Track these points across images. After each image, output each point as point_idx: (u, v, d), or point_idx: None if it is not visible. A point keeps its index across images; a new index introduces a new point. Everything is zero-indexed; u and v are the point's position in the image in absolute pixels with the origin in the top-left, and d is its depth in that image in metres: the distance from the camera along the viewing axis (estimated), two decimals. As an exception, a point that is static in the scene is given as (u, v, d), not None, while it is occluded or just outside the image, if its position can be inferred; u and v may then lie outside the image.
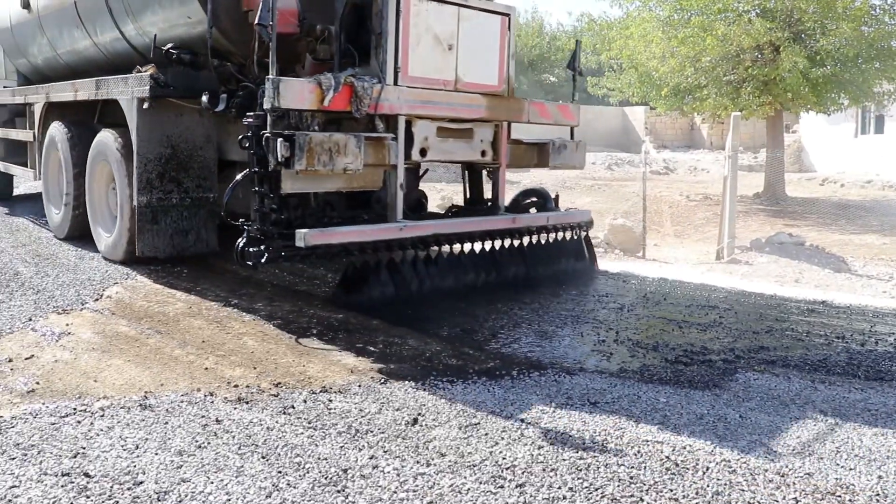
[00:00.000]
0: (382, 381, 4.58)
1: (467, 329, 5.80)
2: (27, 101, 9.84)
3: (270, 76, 5.50)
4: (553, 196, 7.97)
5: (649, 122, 35.58)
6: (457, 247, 6.99)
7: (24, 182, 12.13)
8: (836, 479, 3.44)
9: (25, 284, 6.78)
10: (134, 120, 7.04)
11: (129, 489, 3.20)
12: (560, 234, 7.62)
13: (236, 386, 4.46)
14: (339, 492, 3.21)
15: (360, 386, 4.49)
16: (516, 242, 7.24)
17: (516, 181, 21.87)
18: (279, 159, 5.41)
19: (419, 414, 4.06)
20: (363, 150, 5.76)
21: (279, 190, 5.60)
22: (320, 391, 4.40)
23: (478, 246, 7.11)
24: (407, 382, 4.57)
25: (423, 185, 8.52)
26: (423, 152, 6.49)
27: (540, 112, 7.49)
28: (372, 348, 5.26)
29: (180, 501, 3.11)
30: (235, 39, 6.52)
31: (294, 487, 3.24)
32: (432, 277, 6.60)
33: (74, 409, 4.05)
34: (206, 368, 4.79)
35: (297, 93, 5.59)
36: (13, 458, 3.45)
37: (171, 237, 7.21)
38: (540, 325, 5.93)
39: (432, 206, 13.76)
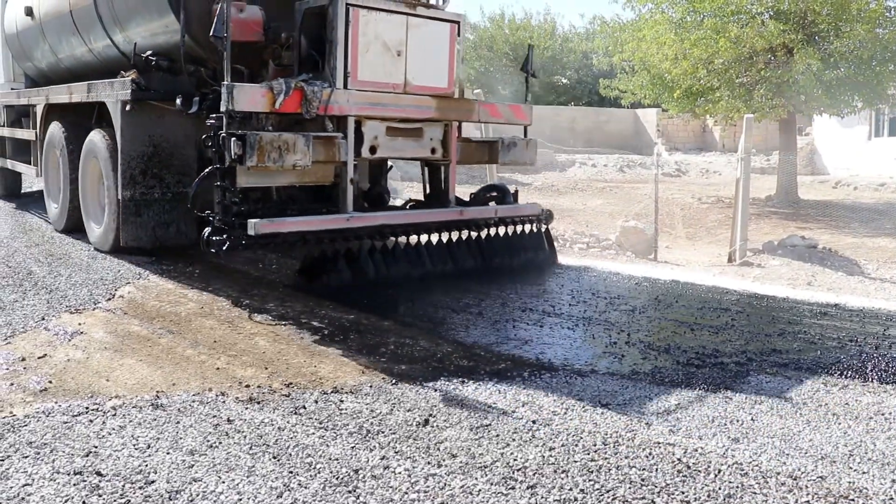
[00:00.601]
0: (394, 381, 4.59)
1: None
2: (30, 102, 10.34)
3: (225, 82, 6.08)
4: (512, 191, 8.40)
5: (661, 124, 35.46)
6: (419, 239, 7.42)
7: (31, 179, 12.30)
8: (850, 482, 3.41)
9: (38, 284, 6.82)
10: (118, 121, 7.56)
11: (140, 488, 3.21)
12: (518, 228, 8.00)
13: (248, 386, 4.47)
14: (350, 492, 3.21)
15: (371, 386, 4.50)
16: (474, 234, 7.67)
17: (527, 183, 21.87)
18: (233, 156, 5.97)
19: (430, 415, 4.06)
20: (311, 147, 6.27)
21: (235, 184, 6.16)
22: (331, 391, 4.40)
23: (436, 238, 7.56)
24: (418, 383, 4.57)
25: None
26: (372, 150, 6.99)
27: (491, 112, 8.06)
28: (383, 349, 5.26)
29: (192, 501, 3.12)
30: (207, 47, 6.87)
31: (305, 487, 3.24)
32: (388, 267, 7.01)
33: (87, 408, 4.07)
34: (218, 368, 4.80)
35: (250, 97, 6.17)
36: (26, 457, 3.47)
37: (153, 229, 7.66)
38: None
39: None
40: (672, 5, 17.59)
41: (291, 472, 3.37)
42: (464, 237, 7.69)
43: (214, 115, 6.18)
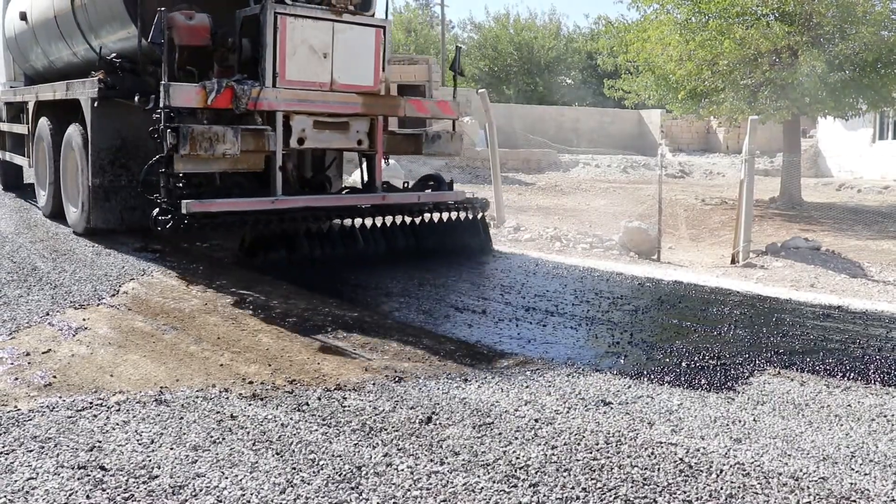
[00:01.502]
0: (396, 379, 4.60)
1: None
2: (24, 99, 11.27)
3: (163, 82, 6.89)
4: (448, 181, 9.17)
5: (665, 125, 35.46)
6: (353, 222, 8.27)
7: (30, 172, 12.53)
8: (851, 483, 3.42)
9: (43, 279, 6.84)
10: (89, 116, 8.38)
11: (144, 483, 3.22)
12: (453, 214, 8.73)
13: (251, 382, 4.48)
14: (352, 489, 3.22)
15: (374, 384, 4.51)
16: (418, 219, 8.45)
17: (531, 183, 21.87)
18: (169, 146, 6.83)
19: (433, 412, 4.07)
20: (240, 138, 7.10)
21: (172, 169, 6.99)
22: (335, 389, 4.42)
23: (374, 221, 8.39)
24: (421, 381, 4.58)
25: None
26: (300, 141, 7.76)
27: (417, 108, 8.67)
28: (386, 346, 5.27)
29: (195, 496, 3.13)
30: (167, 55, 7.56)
31: (308, 484, 3.25)
32: (323, 246, 7.73)
33: (91, 403, 4.09)
34: (222, 365, 4.81)
35: (185, 95, 7.01)
36: (30, 451, 3.48)
37: (120, 213, 8.49)
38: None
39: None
40: (677, 6, 17.59)
41: (294, 469, 3.38)
42: (413, 222, 8.47)
43: (158, 110, 6.93)
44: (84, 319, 5.68)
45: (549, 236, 10.99)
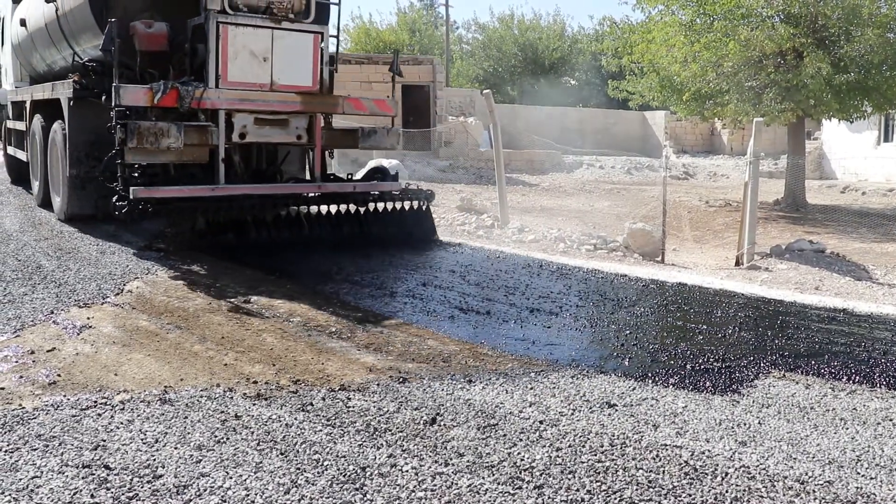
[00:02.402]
0: (401, 379, 4.59)
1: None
2: (23, 99, 12.20)
3: (114, 84, 7.64)
4: (393, 173, 10.00)
5: (669, 126, 35.43)
6: (298, 209, 9.01)
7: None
8: (857, 487, 3.41)
9: (48, 278, 6.84)
10: (67, 113, 9.21)
11: (148, 482, 3.22)
12: (398, 204, 9.41)
13: (255, 382, 4.48)
14: (357, 490, 3.21)
15: (378, 384, 4.50)
16: (352, 208, 9.19)
17: (535, 184, 21.85)
18: (119, 140, 7.61)
19: (437, 413, 4.06)
20: (184, 133, 7.82)
21: (124, 161, 7.77)
22: (339, 389, 4.41)
23: (328, 208, 9.19)
24: (425, 382, 4.57)
25: (446, 187, 9.64)
26: (242, 136, 8.48)
27: (355, 106, 9.33)
28: (390, 347, 5.27)
29: (199, 495, 3.13)
30: (129, 56, 8.37)
31: (312, 484, 3.25)
32: (269, 231, 8.49)
33: (95, 401, 4.09)
34: (226, 364, 4.81)
35: (134, 95, 7.78)
36: (35, 449, 3.48)
37: (95, 200, 9.04)
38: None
39: (450, 205, 13.79)
40: (682, 7, 17.56)
41: (299, 469, 3.38)
42: (348, 209, 9.23)
43: (113, 108, 7.69)
44: (88, 318, 5.68)
45: (553, 237, 10.98)
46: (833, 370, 5.08)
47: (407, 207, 9.53)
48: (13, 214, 10.45)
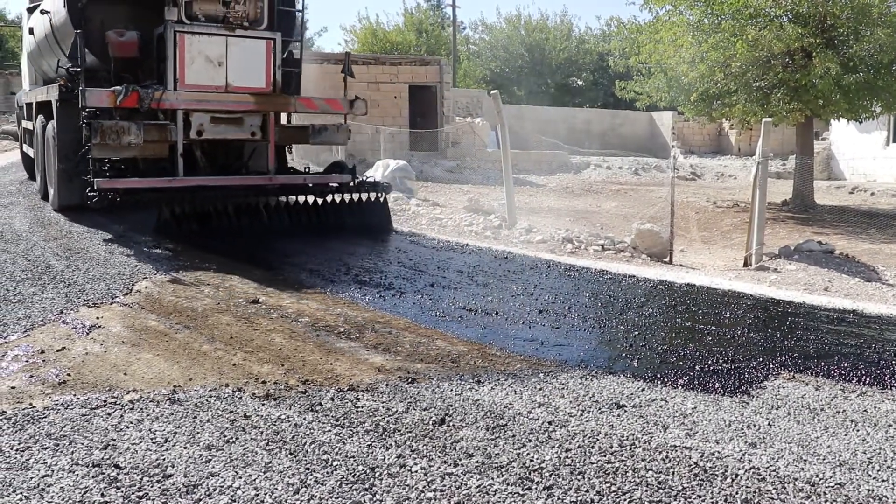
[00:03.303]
0: (410, 380, 4.59)
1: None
2: (30, 101, 13.13)
3: (80, 87, 8.56)
4: (350, 167, 10.58)
5: (677, 127, 35.36)
6: (259, 201, 9.66)
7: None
8: (868, 490, 3.39)
9: (57, 278, 6.86)
10: (55, 114, 9.96)
11: (158, 482, 3.23)
12: (356, 196, 10.24)
13: (264, 382, 4.48)
14: (366, 490, 3.21)
15: (387, 385, 4.50)
16: (308, 198, 10.09)
17: (542, 184, 21.82)
18: (85, 137, 8.58)
19: (446, 414, 4.06)
20: (144, 131, 8.69)
21: (91, 156, 8.66)
22: (348, 389, 4.41)
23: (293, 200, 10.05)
24: (434, 382, 4.57)
25: (454, 188, 10.02)
26: (199, 133, 9.31)
27: (307, 105, 10.08)
28: (399, 347, 5.27)
29: (209, 495, 3.14)
30: (104, 61, 9.53)
31: (322, 484, 3.25)
32: (231, 219, 9.25)
33: (105, 401, 4.10)
34: (235, 364, 4.82)
35: (98, 97, 8.66)
36: (46, 448, 3.49)
37: (80, 192, 9.28)
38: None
39: (457, 206, 13.78)
40: (690, 7, 17.49)
41: (308, 469, 3.38)
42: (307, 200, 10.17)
43: (83, 109, 8.56)
44: (98, 318, 5.69)
45: (561, 238, 10.96)
46: (843, 372, 5.06)
47: (364, 199, 10.28)
48: (23, 214, 10.48)
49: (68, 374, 4.50)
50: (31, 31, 12.46)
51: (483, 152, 25.83)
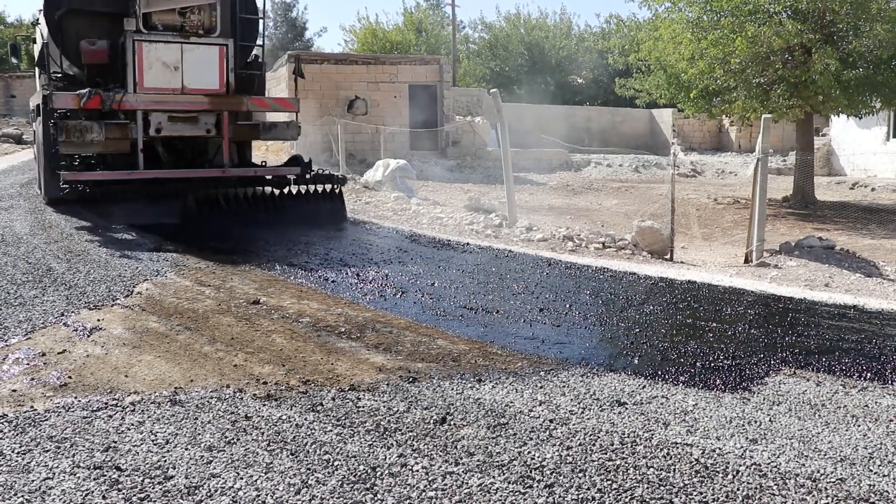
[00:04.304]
0: (411, 379, 4.59)
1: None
2: (35, 103, 13.61)
3: (46, 91, 9.95)
4: (307, 161, 11.33)
5: (677, 124, 35.32)
6: (219, 192, 10.55)
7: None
8: (870, 485, 3.39)
9: (58, 280, 6.87)
10: (41, 115, 10.85)
11: (159, 483, 3.23)
12: (311, 188, 11.23)
13: (265, 383, 4.49)
14: (367, 489, 3.22)
15: (388, 384, 4.50)
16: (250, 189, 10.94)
17: (543, 183, 21.81)
18: (52, 136, 9.76)
19: (447, 413, 4.06)
20: (105, 129, 9.71)
21: (60, 151, 9.90)
22: (349, 389, 4.41)
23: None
24: (435, 381, 4.57)
25: (454, 187, 10.31)
26: (158, 130, 10.31)
27: (258, 104, 11.20)
28: (400, 347, 5.27)
29: (210, 496, 3.14)
30: (79, 67, 10.60)
31: (323, 485, 3.25)
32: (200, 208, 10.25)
33: (106, 403, 4.10)
34: (236, 365, 4.82)
35: (64, 100, 9.78)
36: (47, 451, 3.49)
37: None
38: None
39: (458, 205, 13.78)
40: (689, 4, 17.47)
41: (309, 469, 3.38)
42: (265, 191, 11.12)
43: (52, 110, 9.69)
44: (99, 320, 5.70)
45: (562, 236, 10.96)
46: (844, 367, 5.06)
47: (320, 190, 11.27)
48: (23, 217, 10.49)
49: (69, 377, 4.51)
50: (33, 41, 13.72)
51: (483, 151, 25.82)
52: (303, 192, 11.24)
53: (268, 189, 11.18)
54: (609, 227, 13.52)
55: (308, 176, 11.20)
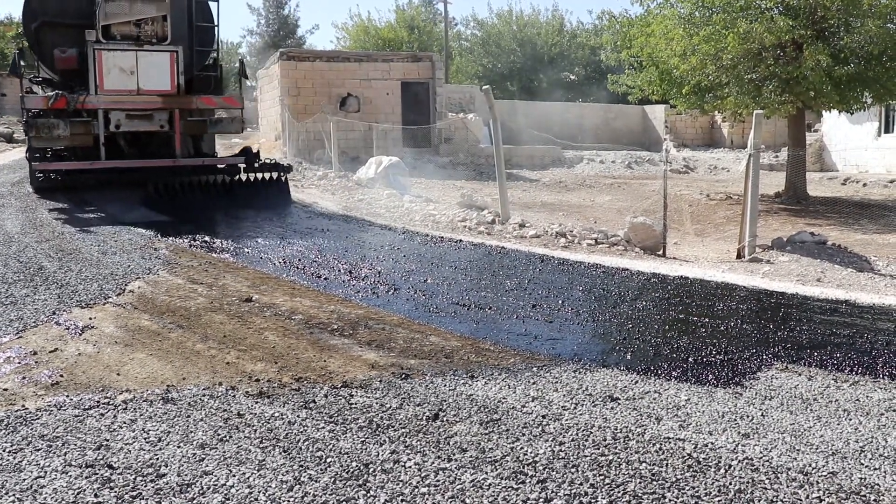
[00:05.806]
0: (403, 376, 4.59)
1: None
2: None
3: (20, 94, 11.56)
4: (255, 152, 13.02)
5: (669, 120, 35.35)
6: (179, 180, 12.06)
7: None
8: (861, 478, 3.40)
9: (49, 279, 6.84)
10: (25, 115, 11.80)
11: (151, 481, 3.22)
12: (259, 176, 12.83)
13: (258, 380, 4.48)
14: (360, 486, 3.22)
15: (380, 381, 4.50)
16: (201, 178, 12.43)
17: (536, 179, 21.81)
18: (25, 132, 11.53)
19: (440, 409, 4.06)
20: (70, 126, 11.20)
21: (31, 146, 11.83)
22: (341, 386, 4.41)
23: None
24: (428, 378, 4.57)
25: (447, 184, 10.42)
26: (117, 126, 11.65)
27: (206, 102, 12.33)
28: (392, 344, 5.27)
29: (203, 494, 3.13)
30: (55, 73, 12.11)
31: (315, 481, 3.25)
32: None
33: (98, 401, 4.09)
34: (228, 363, 4.81)
35: (34, 101, 11.37)
36: (38, 450, 3.48)
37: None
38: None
39: (451, 202, 13.77)
40: (681, 1, 17.49)
41: (302, 466, 3.38)
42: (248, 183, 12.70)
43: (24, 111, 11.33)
44: (90, 318, 5.68)
45: (555, 232, 10.96)
46: (836, 362, 5.08)
47: (268, 178, 12.77)
48: (14, 216, 10.45)
49: (61, 376, 4.49)
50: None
51: (476, 148, 25.80)
52: (251, 179, 12.74)
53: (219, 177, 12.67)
54: (602, 223, 13.53)
55: (256, 165, 12.67)
